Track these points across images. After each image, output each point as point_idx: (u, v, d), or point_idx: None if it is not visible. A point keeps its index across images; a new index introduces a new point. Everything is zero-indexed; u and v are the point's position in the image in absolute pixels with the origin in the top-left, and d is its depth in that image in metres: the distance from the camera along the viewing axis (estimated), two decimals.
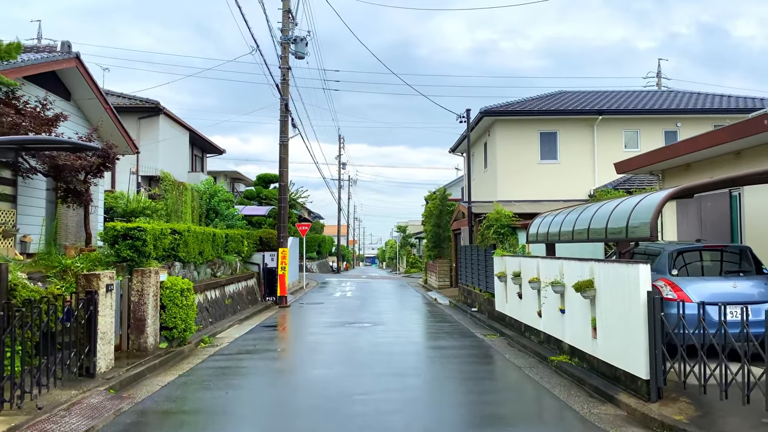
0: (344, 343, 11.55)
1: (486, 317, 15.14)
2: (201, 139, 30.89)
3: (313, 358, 9.92)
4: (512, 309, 12.61)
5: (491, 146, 24.21)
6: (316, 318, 16.06)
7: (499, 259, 13.48)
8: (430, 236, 27.90)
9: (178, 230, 13.19)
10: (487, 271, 15.29)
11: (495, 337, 12.37)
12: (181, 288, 10.86)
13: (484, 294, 15.55)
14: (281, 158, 20.57)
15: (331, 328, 13.65)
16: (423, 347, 11.04)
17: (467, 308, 17.29)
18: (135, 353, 9.75)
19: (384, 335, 12.60)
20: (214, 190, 19.29)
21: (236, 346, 11.48)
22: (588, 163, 23.37)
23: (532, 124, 23.45)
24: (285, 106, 20.42)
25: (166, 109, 24.05)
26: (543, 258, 10.47)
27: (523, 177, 23.01)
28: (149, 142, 23.66)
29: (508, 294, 12.86)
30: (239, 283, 18.01)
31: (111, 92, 24.78)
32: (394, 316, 16.56)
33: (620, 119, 23.37)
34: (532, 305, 11.00)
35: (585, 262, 8.42)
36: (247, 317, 16.19)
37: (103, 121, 13.61)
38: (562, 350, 9.47)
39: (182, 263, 13.48)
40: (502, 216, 14.07)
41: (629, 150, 23.42)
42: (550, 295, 9.59)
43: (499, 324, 13.68)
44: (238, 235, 18.78)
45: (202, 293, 14.14)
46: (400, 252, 52.70)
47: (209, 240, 15.45)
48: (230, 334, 13.22)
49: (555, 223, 10.38)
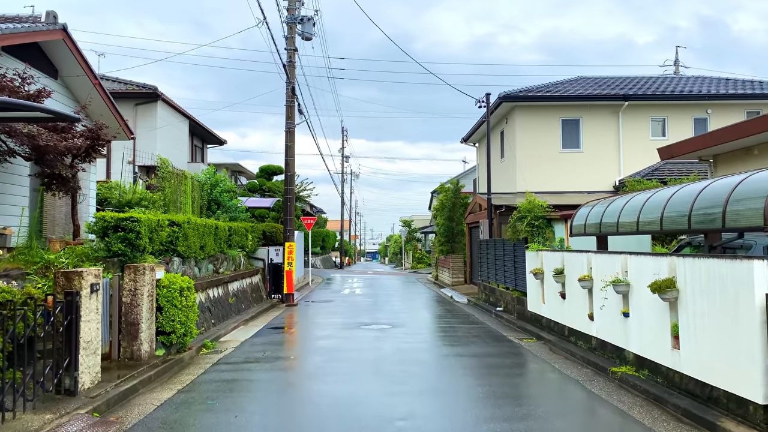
0: (365, 349, 10.20)
1: (515, 318, 13.80)
2: (201, 129, 29.47)
3: (334, 369, 8.56)
4: (552, 310, 11.26)
5: (509, 134, 22.82)
6: (327, 318, 14.71)
7: (534, 255, 12.13)
8: (442, 230, 26.53)
9: (177, 222, 11.83)
10: (517, 267, 13.94)
11: (532, 342, 11.03)
12: (181, 287, 9.51)
13: (512, 292, 14.20)
14: (287, 146, 19.20)
15: (346, 331, 12.30)
16: (457, 354, 9.67)
17: (490, 307, 15.95)
18: (127, 363, 8.40)
19: (408, 339, 11.25)
20: (215, 180, 17.91)
21: (242, 352, 10.14)
22: (612, 152, 22.02)
23: (554, 111, 22.06)
24: (291, 89, 19.04)
25: (164, 95, 22.66)
26: (597, 253, 9.11)
27: (544, 167, 21.64)
28: (147, 130, 22.29)
29: (547, 293, 11.51)
30: (243, 280, 16.66)
31: (106, 77, 23.39)
32: (413, 317, 15.21)
33: (647, 106, 21.99)
34: (581, 306, 9.65)
35: (661, 258, 7.06)
36: (253, 317, 14.85)
37: (92, 99, 12.21)
38: (625, 360, 8.12)
39: (182, 258, 12.13)
40: (535, 206, 12.71)
41: (656, 139, 22.09)
42: (610, 295, 8.23)
43: (532, 326, 12.34)
44: (241, 228, 17.42)
45: (204, 291, 12.79)
46: (406, 247, 51.34)
47: (211, 233, 14.10)
48: (235, 337, 11.88)
49: (611, 211, 9.01)
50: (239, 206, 18.73)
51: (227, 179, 19.07)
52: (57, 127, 10.20)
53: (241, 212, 18.79)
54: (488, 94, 19.56)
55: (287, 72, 18.71)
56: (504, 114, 22.98)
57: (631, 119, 22.02)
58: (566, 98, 21.74)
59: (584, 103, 21.89)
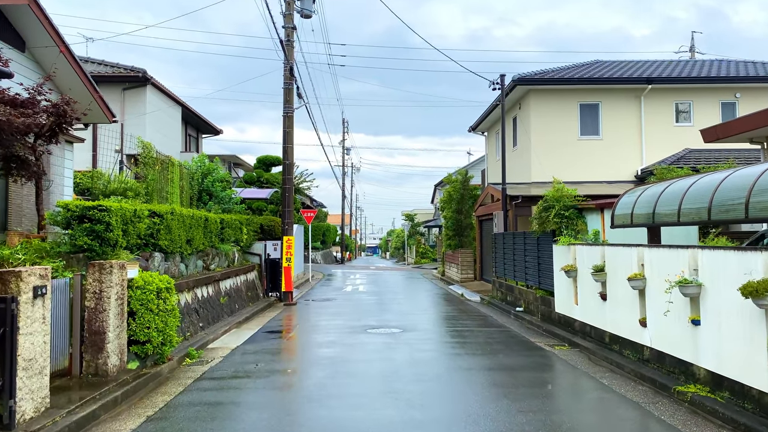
0: (374, 360, 8.76)
1: (539, 320, 12.37)
2: (196, 117, 27.96)
3: (340, 388, 7.12)
4: (587, 313, 9.82)
5: (523, 120, 21.33)
6: (330, 320, 13.28)
7: (565, 249, 10.68)
8: (450, 223, 25.08)
9: (159, 212, 10.38)
10: (541, 263, 12.50)
11: (566, 350, 9.60)
12: (158, 287, 8.07)
13: (536, 291, 12.76)
14: (285, 132, 17.73)
15: (352, 336, 10.86)
16: (483, 367, 8.21)
17: (508, 307, 14.51)
18: (90, 380, 6.96)
19: (422, 346, 9.81)
20: (207, 169, 16.43)
21: (232, 363, 8.70)
22: (634, 139, 20.54)
23: (571, 95, 20.57)
24: (290, 70, 17.54)
25: (153, 78, 21.14)
26: (652, 247, 7.65)
27: (561, 155, 20.18)
28: (135, 117, 20.81)
29: (581, 293, 10.07)
30: (237, 277, 15.22)
31: (91, 59, 21.89)
32: (424, 318, 13.77)
33: (671, 89, 20.49)
34: (629, 310, 8.21)
35: (754, 254, 5.61)
36: (247, 319, 13.42)
37: (57, 68, 10.73)
38: (693, 377, 6.69)
39: (164, 254, 10.68)
40: (564, 195, 11.27)
41: (681, 124, 20.65)
42: (675, 299, 6.78)
43: (562, 330, 10.90)
44: (236, 221, 15.96)
45: (191, 291, 11.35)
46: (409, 241, 49.87)
47: (200, 226, 12.65)
48: (225, 343, 10.45)
49: (669, 197, 7.55)
50: (233, 197, 17.25)
51: (220, 168, 17.61)
52: (15, 101, 8.74)
53: (235, 204, 17.32)
54: (503, 75, 18.07)
55: (285, 51, 17.22)
56: (517, 99, 21.48)
57: (654, 104, 20.53)
58: (585, 81, 20.24)
59: (604, 86, 20.40)
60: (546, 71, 21.22)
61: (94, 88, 12.67)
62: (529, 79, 20.10)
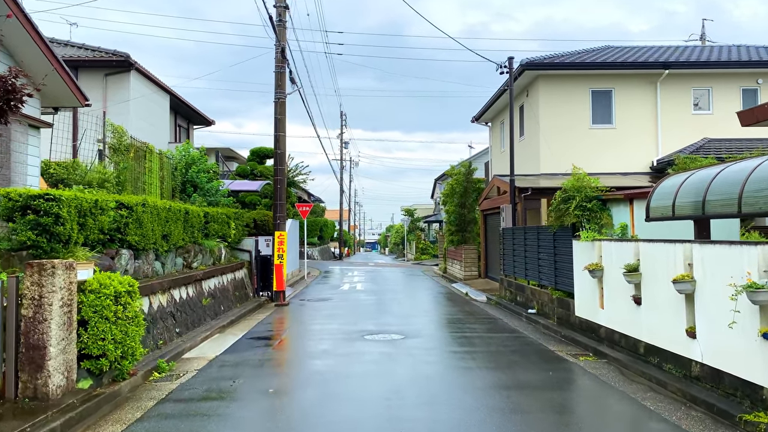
0: (373, 374, 7.52)
1: (555, 323, 11.14)
2: (186, 107, 26.67)
3: (333, 415, 5.85)
4: (616, 318, 8.58)
5: (531, 108, 20.06)
6: (324, 323, 12.04)
7: (588, 246, 9.44)
8: (453, 218, 23.83)
9: (127, 204, 9.12)
10: (558, 260, 11.26)
11: (592, 360, 8.37)
12: (117, 291, 6.81)
13: (551, 292, 11.53)
14: (277, 119, 16.45)
15: (347, 344, 9.62)
16: (501, 385, 6.94)
17: (519, 309, 13.28)
18: (27, 405, 5.72)
19: (428, 357, 8.57)
20: (191, 158, 15.16)
21: (206, 379, 7.46)
22: (649, 128, 19.31)
23: (583, 81, 19.31)
24: (281, 52, 16.25)
25: (138, 63, 19.84)
26: (704, 243, 6.40)
27: (571, 145, 18.93)
28: (119, 105, 19.52)
29: (608, 295, 8.83)
30: (223, 276, 13.97)
31: (71, 43, 20.58)
32: (428, 321, 12.54)
33: (689, 75, 19.24)
34: (672, 317, 6.97)
35: None
36: (232, 322, 12.18)
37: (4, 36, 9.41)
38: (764, 404, 5.45)
39: (134, 251, 9.41)
40: (586, 185, 10.02)
41: (699, 112, 19.42)
42: (743, 307, 5.54)
43: (584, 336, 9.67)
44: (222, 215, 14.70)
45: (167, 293, 10.09)
46: (408, 237, 48.61)
47: (179, 219, 11.39)
48: (203, 352, 9.21)
49: (723, 183, 6.29)
50: (220, 189, 15.97)
51: (205, 157, 16.32)
52: None
53: (222, 196, 16.04)
54: (511, 58, 16.78)
55: (276, 31, 15.92)
56: (525, 85, 20.21)
57: (671, 91, 19.28)
58: (598, 66, 18.98)
59: (618, 71, 19.15)
60: (555, 55, 19.95)
61: (61, 66, 11.37)
62: (538, 64, 18.82)
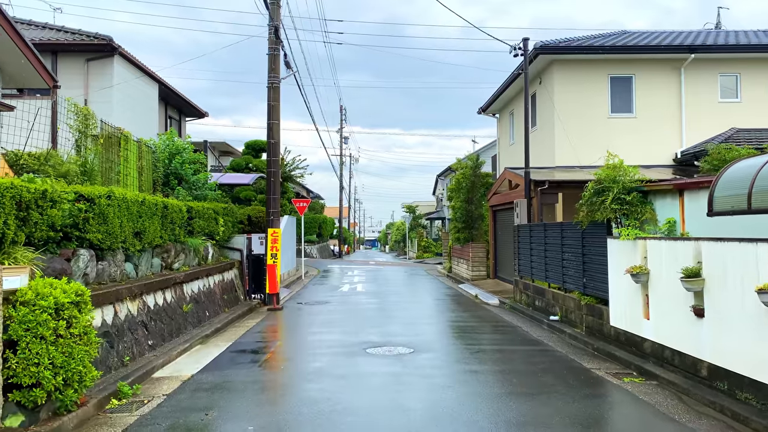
0: (379, 407, 6.08)
1: (583, 333, 9.77)
2: (177, 97, 25.18)
3: None
4: (668, 332, 7.20)
5: (544, 97, 18.67)
6: (320, 334, 10.67)
7: (629, 245, 8.06)
8: (459, 214, 22.43)
9: (88, 195, 7.74)
10: (587, 261, 9.88)
11: (639, 383, 6.99)
12: (58, 303, 5.43)
13: (580, 297, 10.15)
14: (270, 106, 15.05)
15: (346, 360, 8.24)
16: (542, 423, 5.51)
17: (539, 315, 11.91)
18: None
19: (445, 381, 7.17)
20: (176, 148, 13.76)
21: (174, 408, 6.08)
22: (672, 117, 17.92)
23: (601, 67, 17.91)
24: (275, 32, 14.85)
25: (122, 48, 18.39)
26: None
27: (588, 136, 17.57)
28: (101, 92, 18.12)
29: (656, 304, 7.46)
30: (210, 278, 12.60)
31: (49, 25, 19.16)
32: (437, 331, 11.18)
33: (716, 60, 17.82)
34: (753, 336, 5.59)
35: None
36: (217, 330, 10.81)
37: None
38: None
39: (97, 251, 8.03)
40: (624, 175, 8.65)
41: (725, 101, 18.02)
42: None
43: (622, 350, 8.30)
44: (209, 210, 13.31)
45: (137, 299, 8.71)
46: (410, 234, 47.20)
47: (156, 215, 10.01)
48: (177, 369, 7.83)
49: None
50: (209, 182, 14.57)
51: (190, 146, 14.92)
52: None
53: (209, 189, 14.63)
54: (526, 39, 15.38)
55: (269, 8, 14.50)
56: (538, 72, 18.80)
57: (696, 77, 17.87)
58: (618, 49, 17.59)
59: (639, 56, 17.75)
60: (571, 39, 18.53)
61: (22, 40, 10.00)
62: (554, 47, 17.43)
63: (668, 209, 8.17)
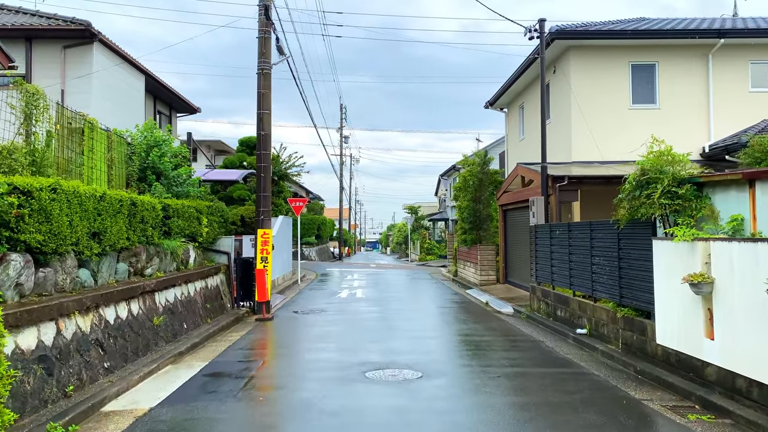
0: None
1: (620, 351, 8.32)
2: (167, 92, 23.69)
3: None
4: (742, 356, 5.75)
5: (559, 86, 17.24)
6: (313, 351, 9.22)
7: (686, 248, 6.62)
8: (466, 214, 20.98)
9: (25, 188, 6.31)
10: (623, 267, 8.44)
11: (710, 423, 5.55)
12: None
13: (615, 308, 8.69)
14: (260, 94, 13.63)
15: (343, 388, 6.80)
16: None
17: (562, 327, 10.47)
18: None
19: (463, 418, 5.71)
20: (154, 140, 12.34)
21: None
22: (699, 108, 16.48)
23: (621, 54, 16.49)
24: (265, 12, 13.45)
25: (102, 34, 17.01)
26: None
27: (608, 128, 16.18)
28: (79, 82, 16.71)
29: (724, 321, 6.00)
30: (189, 285, 11.16)
31: (23, 10, 17.78)
32: (448, 348, 9.73)
33: (747, 47, 16.40)
34: None
35: None
36: (194, 346, 9.37)
37: None
38: None
39: (37, 255, 6.58)
40: (675, 164, 7.22)
41: (757, 90, 16.58)
42: None
43: (674, 376, 6.86)
44: (190, 208, 11.88)
45: (91, 313, 7.28)
46: (412, 236, 45.73)
47: (121, 212, 8.59)
48: (135, 400, 6.39)
49: None
50: (189, 179, 13.12)
51: (172, 139, 13.48)
52: None
53: (192, 186, 13.18)
54: (542, 20, 13.94)
55: None
56: (552, 60, 17.38)
57: (725, 64, 16.43)
58: (640, 34, 16.15)
59: (663, 41, 16.31)
60: (589, 23, 17.10)
61: None
62: (571, 32, 16.01)
63: (732, 205, 6.71)
